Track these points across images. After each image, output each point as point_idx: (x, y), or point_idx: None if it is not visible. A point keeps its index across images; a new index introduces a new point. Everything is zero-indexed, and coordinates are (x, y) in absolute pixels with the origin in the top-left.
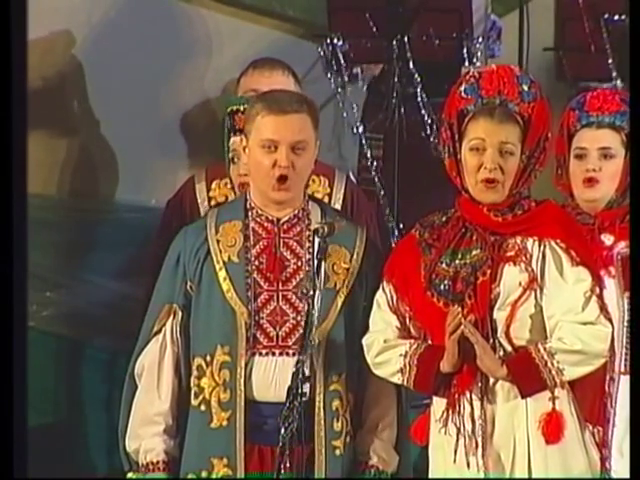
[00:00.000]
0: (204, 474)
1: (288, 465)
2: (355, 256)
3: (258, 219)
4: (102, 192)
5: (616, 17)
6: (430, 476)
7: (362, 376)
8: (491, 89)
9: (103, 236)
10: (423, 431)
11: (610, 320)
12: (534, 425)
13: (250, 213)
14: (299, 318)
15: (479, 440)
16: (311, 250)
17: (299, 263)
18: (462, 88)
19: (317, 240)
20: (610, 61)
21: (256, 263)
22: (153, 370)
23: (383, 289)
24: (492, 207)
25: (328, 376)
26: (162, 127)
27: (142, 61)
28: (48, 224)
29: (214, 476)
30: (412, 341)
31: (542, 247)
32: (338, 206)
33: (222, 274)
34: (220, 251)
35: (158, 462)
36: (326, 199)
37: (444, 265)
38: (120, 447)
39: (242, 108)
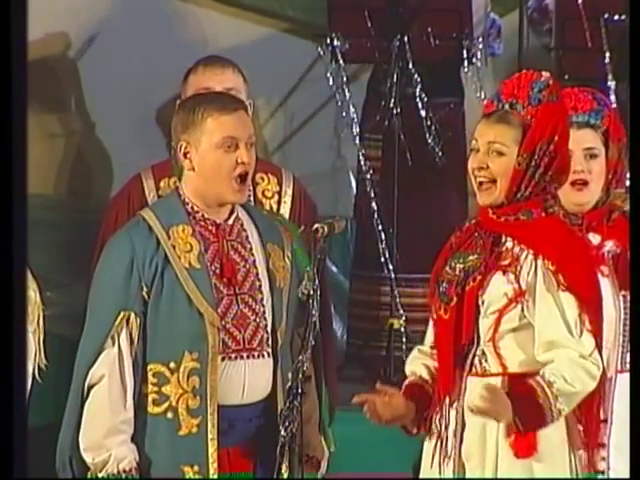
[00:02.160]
0: None
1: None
2: (287, 252)
3: (203, 223)
4: (100, 192)
5: (616, 17)
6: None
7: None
8: (507, 93)
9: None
10: None
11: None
12: (504, 438)
13: (194, 216)
14: (258, 320)
15: (449, 447)
16: (253, 252)
17: (247, 266)
18: (492, 95)
19: (317, 240)
20: (607, 61)
21: (212, 268)
22: (115, 379)
23: None
24: (497, 210)
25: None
26: (159, 127)
27: (139, 62)
28: (48, 224)
29: None
30: (428, 363)
31: (535, 262)
32: (288, 203)
33: (186, 280)
34: (179, 257)
35: (131, 469)
36: (276, 197)
37: (448, 268)
38: (63, 458)
39: None
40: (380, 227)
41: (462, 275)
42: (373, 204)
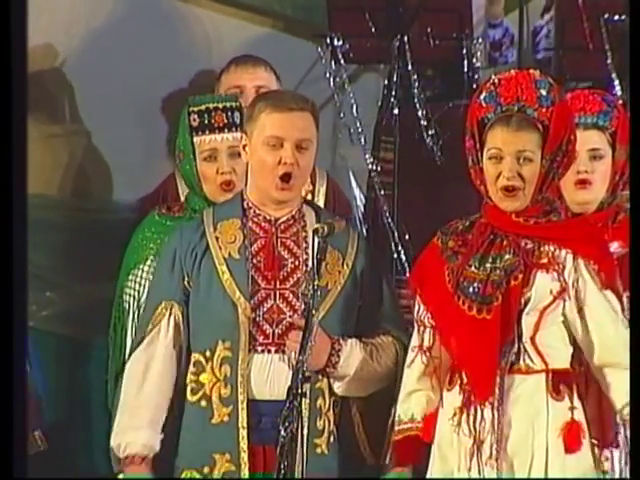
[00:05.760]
0: (206, 470)
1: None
2: (347, 259)
3: (255, 219)
4: (102, 192)
5: (616, 17)
6: (431, 469)
7: None
8: (509, 96)
9: (103, 236)
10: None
11: None
12: (554, 433)
13: (248, 212)
14: (296, 317)
15: (494, 448)
16: (308, 251)
17: (296, 262)
18: (482, 96)
19: (317, 240)
20: (609, 61)
21: (254, 261)
22: (141, 363)
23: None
24: (520, 214)
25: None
26: (161, 127)
27: (141, 62)
28: (48, 224)
29: (216, 472)
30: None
31: (575, 262)
32: (321, 201)
33: (223, 269)
34: (220, 248)
35: (134, 456)
36: (309, 196)
37: (473, 268)
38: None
39: (212, 107)
40: (392, 228)
41: (502, 274)
42: (384, 207)
